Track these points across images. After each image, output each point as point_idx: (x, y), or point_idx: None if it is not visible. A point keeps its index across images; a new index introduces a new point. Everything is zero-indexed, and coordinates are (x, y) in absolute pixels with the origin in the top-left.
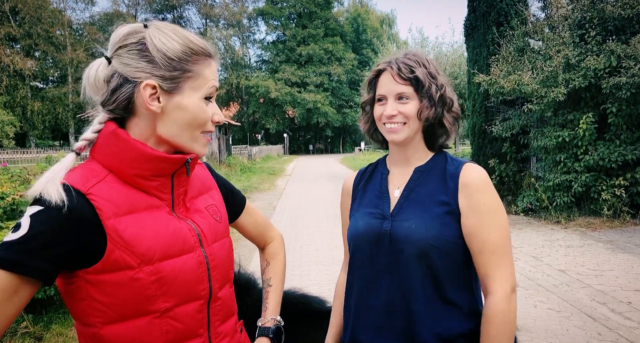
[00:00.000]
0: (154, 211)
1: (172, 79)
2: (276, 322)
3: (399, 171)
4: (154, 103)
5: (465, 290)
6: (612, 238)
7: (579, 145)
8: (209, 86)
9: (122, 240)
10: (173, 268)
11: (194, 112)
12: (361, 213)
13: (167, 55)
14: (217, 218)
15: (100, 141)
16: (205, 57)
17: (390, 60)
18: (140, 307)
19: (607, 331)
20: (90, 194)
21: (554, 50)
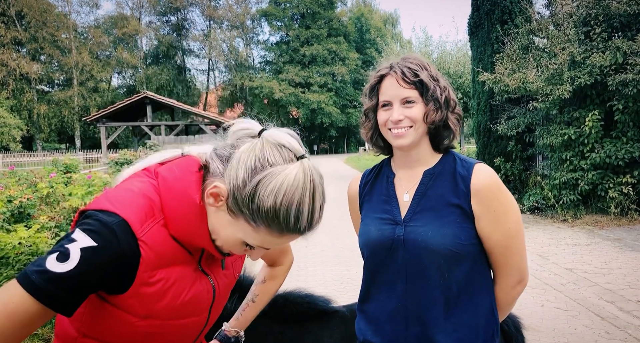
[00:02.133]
0: (185, 267)
1: (238, 208)
2: (237, 335)
3: (406, 174)
4: (210, 200)
5: (484, 290)
6: (619, 236)
7: (585, 143)
8: (256, 243)
9: (144, 294)
10: (175, 326)
11: (225, 240)
12: (371, 218)
13: (254, 196)
14: (236, 275)
15: (179, 192)
16: (282, 231)
17: (392, 64)
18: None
19: (615, 330)
20: (142, 241)
21: (559, 47)
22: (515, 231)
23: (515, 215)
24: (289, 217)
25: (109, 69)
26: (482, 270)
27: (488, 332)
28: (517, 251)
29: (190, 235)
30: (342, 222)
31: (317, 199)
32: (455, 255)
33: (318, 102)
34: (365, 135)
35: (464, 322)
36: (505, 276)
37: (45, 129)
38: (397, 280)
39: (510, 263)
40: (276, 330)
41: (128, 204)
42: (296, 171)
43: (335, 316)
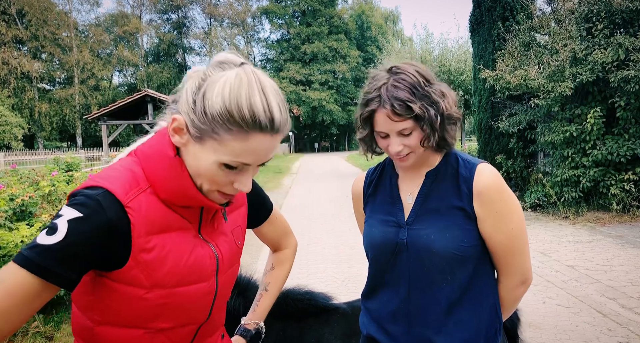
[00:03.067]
0: (183, 233)
1: (198, 128)
2: (258, 327)
3: (409, 175)
4: (176, 136)
5: (487, 289)
6: (621, 233)
7: (587, 140)
8: (229, 159)
9: (144, 262)
10: (183, 294)
11: (203, 169)
12: (375, 220)
13: (204, 106)
14: (238, 243)
15: (155, 153)
16: (244, 130)
17: (381, 94)
18: (139, 322)
19: (617, 327)
20: (129, 208)
21: (561, 44)
22: (518, 231)
23: (517, 216)
24: (243, 112)
25: (109, 67)
26: (485, 270)
27: (491, 331)
28: (520, 252)
29: (178, 192)
30: (343, 220)
31: (269, 93)
32: (458, 258)
33: (319, 100)
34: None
35: (467, 321)
36: (509, 276)
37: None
38: (400, 282)
39: (513, 263)
40: (277, 327)
41: (111, 178)
42: (236, 72)
43: (336, 313)
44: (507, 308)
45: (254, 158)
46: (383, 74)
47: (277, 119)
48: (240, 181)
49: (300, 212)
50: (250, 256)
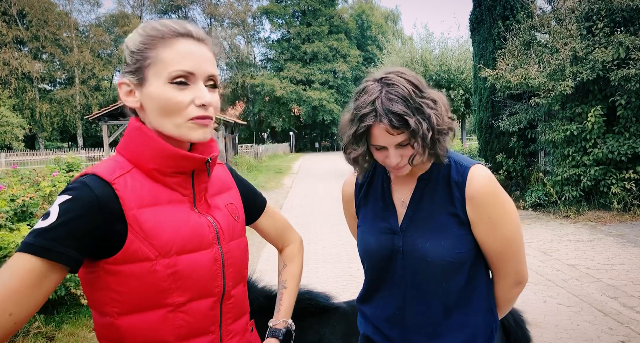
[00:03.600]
0: (176, 205)
1: (136, 71)
2: (287, 325)
3: (401, 178)
4: (130, 99)
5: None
6: (622, 231)
7: (588, 138)
8: (170, 70)
9: (142, 231)
10: (189, 262)
11: (159, 99)
12: (368, 225)
13: (130, 49)
14: (236, 217)
15: (126, 137)
16: (166, 39)
17: (376, 109)
18: (155, 300)
19: (618, 325)
20: (115, 184)
21: (561, 43)
22: (512, 235)
23: (511, 220)
24: (157, 27)
25: (110, 67)
26: (480, 272)
27: (487, 331)
28: (514, 255)
29: (158, 156)
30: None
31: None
32: (454, 265)
33: (319, 99)
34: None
35: (463, 323)
36: (504, 277)
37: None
38: (396, 289)
39: (507, 266)
40: None
41: (96, 167)
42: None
43: (336, 312)
44: (503, 308)
45: (190, 63)
46: (374, 86)
47: (191, 27)
48: (199, 95)
49: (300, 211)
50: (251, 256)
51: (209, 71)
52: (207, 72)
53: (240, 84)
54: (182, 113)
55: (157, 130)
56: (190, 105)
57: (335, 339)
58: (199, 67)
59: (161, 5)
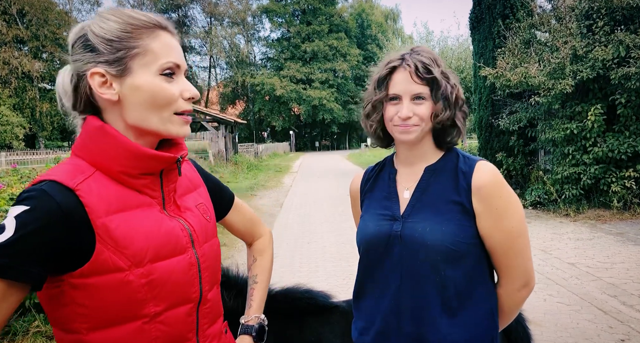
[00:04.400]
0: (145, 210)
1: (117, 61)
2: (260, 321)
3: (407, 170)
4: (108, 91)
5: (484, 293)
6: (622, 230)
7: (588, 137)
8: (162, 61)
9: (112, 241)
10: (165, 270)
11: (151, 90)
12: (370, 214)
13: (105, 38)
14: (207, 217)
15: (84, 138)
16: (150, 29)
17: (404, 57)
18: (129, 312)
19: (618, 324)
20: (78, 191)
21: (561, 41)
22: (518, 230)
23: (518, 214)
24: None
25: None
26: (483, 272)
27: (487, 338)
28: (521, 252)
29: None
30: (343, 218)
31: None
32: (453, 253)
33: (319, 98)
34: (367, 126)
35: (461, 324)
36: (509, 278)
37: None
38: (391, 276)
39: (513, 264)
40: (277, 326)
41: (52, 172)
42: (101, 9)
43: (335, 311)
44: (508, 314)
45: (175, 55)
46: (405, 50)
47: (165, 20)
48: (187, 88)
49: (301, 210)
50: None
51: (186, 64)
52: (185, 65)
53: (240, 83)
54: (171, 106)
55: (137, 126)
56: (179, 98)
57: (334, 338)
58: (182, 60)
59: (161, 4)
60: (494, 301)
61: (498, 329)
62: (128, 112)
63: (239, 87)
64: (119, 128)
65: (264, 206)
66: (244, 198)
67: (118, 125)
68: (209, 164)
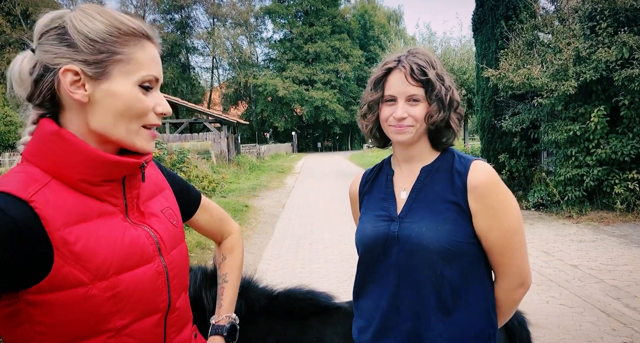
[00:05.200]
0: (107, 219)
1: (97, 63)
2: (231, 320)
3: (404, 171)
4: (79, 91)
5: (480, 292)
6: (625, 232)
7: (591, 139)
8: (144, 73)
9: (72, 254)
10: (131, 281)
11: (126, 99)
12: (368, 216)
13: (88, 37)
14: (174, 222)
15: (38, 143)
16: (138, 38)
17: (400, 59)
18: (92, 327)
19: (621, 326)
20: (33, 202)
21: (564, 43)
22: (514, 229)
23: (514, 213)
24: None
25: None
26: (479, 271)
27: (483, 336)
28: (517, 251)
29: (85, 162)
30: (344, 219)
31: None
32: (449, 253)
33: (322, 99)
34: (364, 127)
35: (457, 322)
36: (506, 277)
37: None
38: (390, 276)
39: (510, 263)
40: (279, 327)
41: (2, 182)
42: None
43: (337, 312)
44: (505, 312)
45: (157, 68)
46: (402, 52)
47: (151, 30)
48: (160, 103)
49: (302, 211)
50: (254, 255)
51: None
52: (161, 79)
53: (242, 84)
54: (141, 118)
55: (101, 132)
56: (151, 111)
57: (337, 339)
58: (161, 73)
59: (164, 6)
60: (491, 300)
61: (496, 327)
62: (94, 117)
63: (241, 88)
64: (78, 131)
65: (266, 206)
66: (247, 198)
67: (77, 128)
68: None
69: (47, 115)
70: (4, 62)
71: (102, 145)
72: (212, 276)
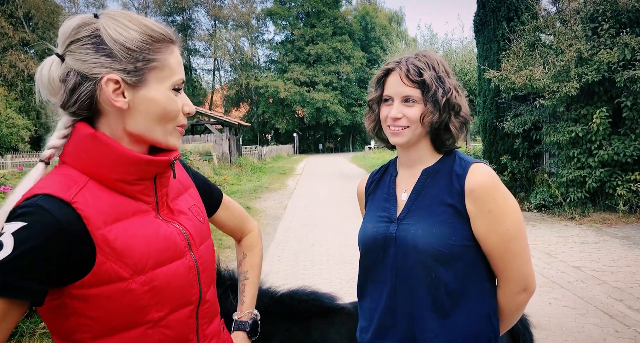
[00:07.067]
0: (142, 217)
1: (135, 71)
2: (253, 316)
3: (406, 173)
4: (119, 99)
5: (480, 295)
6: (628, 233)
7: (593, 140)
8: (176, 77)
9: (113, 251)
10: (166, 275)
11: (164, 104)
12: (370, 216)
13: (125, 46)
14: (201, 219)
15: (75, 146)
16: (167, 43)
17: (400, 60)
18: (132, 319)
19: (624, 328)
20: (75, 203)
21: (566, 44)
22: (514, 233)
23: (514, 216)
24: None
25: None
26: (478, 275)
27: (482, 339)
28: (518, 255)
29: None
30: (347, 221)
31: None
32: (443, 255)
33: (323, 101)
34: (368, 126)
35: (455, 325)
36: (508, 282)
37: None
38: (387, 277)
39: (511, 268)
40: (283, 327)
41: (44, 185)
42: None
43: (341, 312)
44: (508, 317)
45: (182, 71)
46: (408, 54)
47: (174, 34)
48: (187, 103)
49: (304, 213)
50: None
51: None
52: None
53: (244, 86)
54: (175, 120)
55: (139, 134)
56: (181, 111)
57: (340, 339)
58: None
59: (166, 8)
60: (491, 304)
61: (497, 332)
62: (133, 121)
63: (243, 89)
64: (114, 134)
65: (268, 208)
66: (248, 200)
67: (113, 130)
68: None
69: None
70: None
71: (136, 145)
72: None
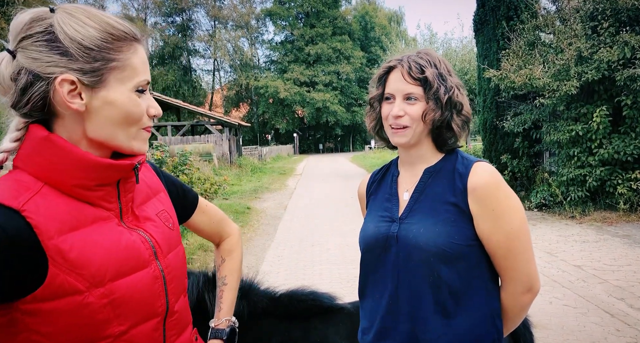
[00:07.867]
0: (102, 224)
1: (93, 71)
2: (230, 323)
3: (408, 172)
4: (76, 101)
5: (483, 296)
6: (629, 232)
7: (593, 139)
8: (140, 78)
9: (67, 263)
10: (127, 286)
11: (126, 106)
12: (372, 216)
13: (82, 44)
14: (170, 225)
15: (29, 149)
16: (130, 42)
17: (402, 58)
18: (90, 334)
19: (625, 327)
20: (25, 211)
21: (566, 43)
22: (518, 232)
23: (517, 215)
24: (117, 27)
25: None
26: (482, 275)
27: (485, 341)
28: (521, 255)
29: (78, 167)
30: (347, 221)
31: (115, 19)
32: (447, 254)
33: (323, 101)
34: (369, 125)
35: (457, 326)
36: (511, 282)
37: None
38: (389, 277)
39: (514, 267)
40: (282, 328)
41: None
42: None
43: (340, 313)
44: (512, 318)
45: (148, 71)
46: (409, 52)
47: (138, 32)
48: (152, 105)
49: (304, 213)
50: (256, 257)
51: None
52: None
53: (244, 86)
54: (138, 123)
55: (99, 140)
56: (146, 114)
57: (340, 340)
58: (149, 75)
59: (165, 8)
60: (495, 304)
61: (501, 333)
62: (93, 126)
63: (242, 90)
64: (72, 138)
65: (268, 208)
66: (249, 200)
67: (71, 134)
68: (213, 167)
69: (36, 121)
70: None
71: (96, 150)
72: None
